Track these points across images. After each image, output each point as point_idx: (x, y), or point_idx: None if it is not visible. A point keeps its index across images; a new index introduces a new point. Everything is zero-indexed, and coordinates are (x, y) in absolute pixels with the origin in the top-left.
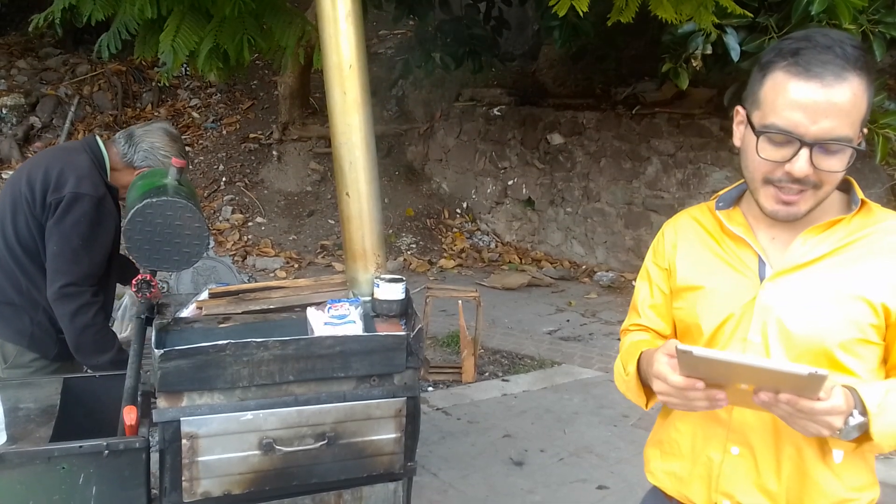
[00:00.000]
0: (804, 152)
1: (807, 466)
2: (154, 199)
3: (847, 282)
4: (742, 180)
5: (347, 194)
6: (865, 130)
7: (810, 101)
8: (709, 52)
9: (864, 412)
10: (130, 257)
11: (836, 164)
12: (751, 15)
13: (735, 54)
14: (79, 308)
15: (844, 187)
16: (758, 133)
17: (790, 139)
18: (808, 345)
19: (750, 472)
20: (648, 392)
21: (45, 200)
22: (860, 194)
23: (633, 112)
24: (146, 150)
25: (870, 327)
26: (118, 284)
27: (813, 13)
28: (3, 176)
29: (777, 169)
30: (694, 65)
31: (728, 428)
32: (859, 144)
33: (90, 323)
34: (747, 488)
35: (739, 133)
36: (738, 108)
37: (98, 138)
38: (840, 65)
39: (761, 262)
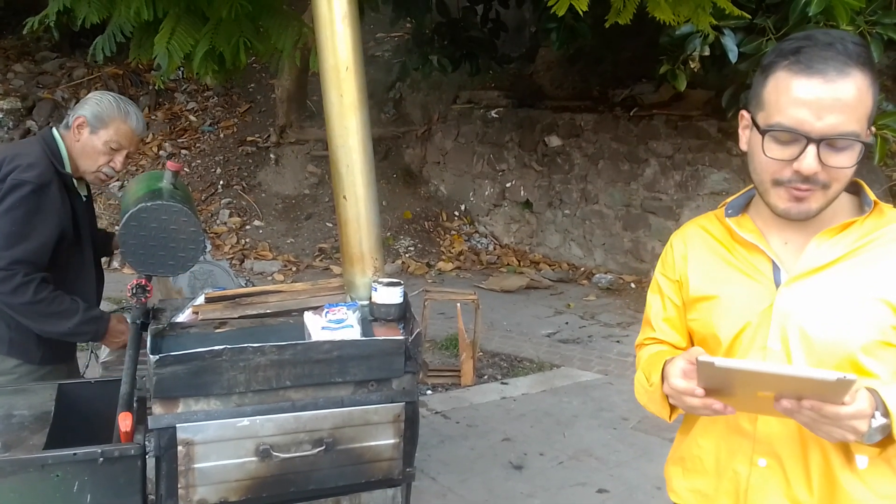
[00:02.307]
0: (811, 149)
1: (836, 475)
2: (149, 204)
3: (865, 284)
4: (750, 186)
5: (345, 197)
6: (874, 129)
7: (814, 97)
8: (706, 53)
9: (885, 414)
10: (126, 262)
11: (845, 161)
12: (748, 16)
13: (733, 56)
14: (14, 290)
15: (854, 189)
16: (763, 132)
17: (796, 137)
18: (829, 349)
19: (780, 484)
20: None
21: None
22: (871, 196)
23: (631, 114)
24: (76, 107)
25: (891, 329)
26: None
27: (810, 14)
28: None
29: (785, 168)
30: (692, 66)
31: (753, 440)
32: (870, 141)
33: (33, 300)
34: (778, 500)
35: (745, 137)
36: (743, 112)
37: (54, 129)
38: (842, 60)
39: (776, 268)
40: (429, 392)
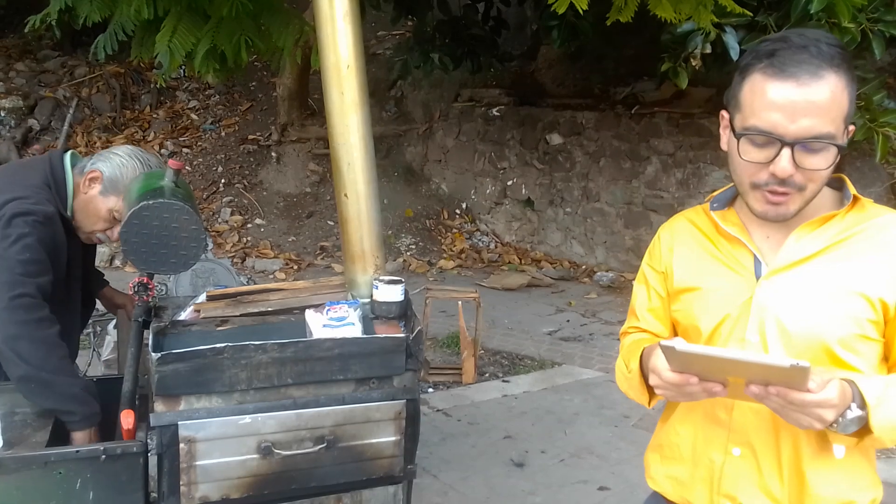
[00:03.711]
0: (786, 152)
1: (805, 467)
2: (150, 202)
3: (844, 277)
4: None
5: (346, 195)
6: (852, 127)
7: (787, 101)
8: (708, 51)
9: (862, 405)
10: (128, 260)
11: (820, 163)
12: (750, 14)
13: (734, 53)
14: (39, 320)
15: (838, 185)
16: (738, 136)
17: (771, 140)
18: (806, 342)
19: (753, 473)
20: (651, 390)
21: None
22: (852, 190)
23: (633, 112)
24: (99, 154)
25: (868, 323)
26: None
27: (812, 12)
28: None
29: (762, 171)
30: (693, 64)
31: (729, 429)
32: (847, 141)
33: (56, 343)
34: (750, 490)
35: (725, 137)
36: (723, 112)
37: (68, 159)
38: (816, 63)
39: (757, 261)
40: (430, 390)
